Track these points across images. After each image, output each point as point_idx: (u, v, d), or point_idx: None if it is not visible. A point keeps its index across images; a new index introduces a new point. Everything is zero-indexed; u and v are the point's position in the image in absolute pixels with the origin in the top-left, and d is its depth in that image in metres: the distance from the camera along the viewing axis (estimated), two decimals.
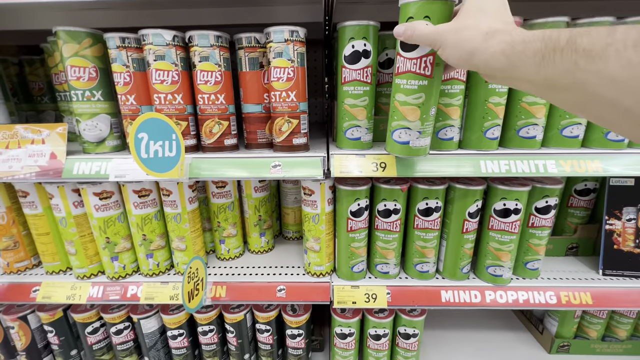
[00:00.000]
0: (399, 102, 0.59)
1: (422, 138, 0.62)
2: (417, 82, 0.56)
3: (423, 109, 0.59)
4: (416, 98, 0.58)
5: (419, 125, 0.60)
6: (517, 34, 0.39)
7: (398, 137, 0.62)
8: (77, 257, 0.89)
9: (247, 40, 0.74)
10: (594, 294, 0.85)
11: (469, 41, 0.43)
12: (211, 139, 0.78)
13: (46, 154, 0.77)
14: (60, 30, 0.72)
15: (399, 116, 0.61)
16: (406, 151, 0.63)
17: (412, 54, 0.55)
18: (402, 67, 0.57)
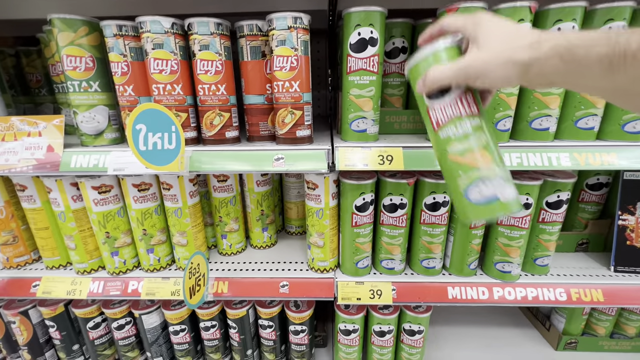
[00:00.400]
0: (459, 153, 0.46)
1: (509, 185, 0.46)
2: (468, 123, 0.45)
3: (490, 149, 0.45)
4: (476, 139, 0.45)
5: (497, 169, 0.44)
6: (574, 38, 0.35)
7: (479, 195, 0.45)
8: (77, 252, 0.88)
9: (248, 28, 0.71)
10: (606, 290, 0.83)
11: (515, 56, 0.38)
12: (212, 131, 0.76)
13: (43, 147, 0.75)
14: (55, 18, 0.69)
15: (465, 169, 0.46)
16: (500, 208, 0.45)
17: (443, 100, 0.46)
18: (443, 117, 0.47)
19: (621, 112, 0.71)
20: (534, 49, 0.37)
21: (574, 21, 0.64)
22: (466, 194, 0.46)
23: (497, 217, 0.48)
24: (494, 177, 0.44)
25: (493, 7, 0.65)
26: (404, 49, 0.83)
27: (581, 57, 0.35)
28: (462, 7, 0.64)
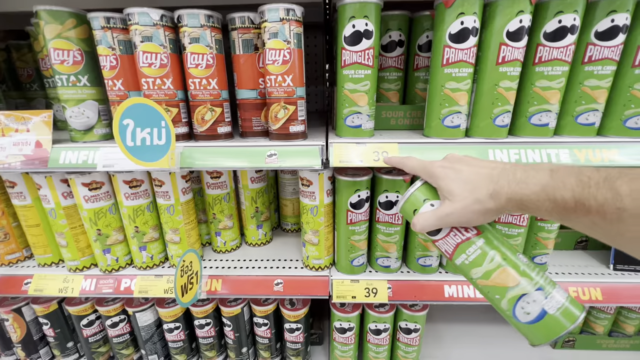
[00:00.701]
0: (484, 276, 0.46)
1: (550, 295, 0.43)
2: (474, 246, 0.47)
3: (511, 264, 0.45)
4: (491, 261, 0.45)
5: (528, 282, 0.43)
6: (526, 190, 0.41)
7: (525, 314, 0.43)
8: (69, 250, 0.86)
9: (240, 21, 0.70)
10: (605, 289, 0.82)
11: (483, 205, 0.44)
12: (203, 126, 0.74)
13: (31, 143, 0.73)
14: (42, 10, 0.67)
15: (499, 292, 0.45)
16: (555, 325, 0.42)
17: (440, 235, 0.50)
18: (448, 248, 0.50)
19: (623, 108, 0.69)
20: (494, 199, 0.43)
21: (575, 13, 0.62)
22: (515, 317, 0.44)
23: (561, 333, 0.41)
24: (530, 291, 0.42)
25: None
26: (400, 42, 0.81)
27: (533, 211, 0.41)
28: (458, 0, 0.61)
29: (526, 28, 0.63)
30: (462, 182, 0.46)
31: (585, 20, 0.65)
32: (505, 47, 0.64)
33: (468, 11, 0.62)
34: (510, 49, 0.64)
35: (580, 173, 0.37)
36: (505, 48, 0.64)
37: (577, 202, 0.36)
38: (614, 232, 0.35)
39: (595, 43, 0.65)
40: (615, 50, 0.65)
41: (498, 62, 0.65)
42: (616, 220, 0.33)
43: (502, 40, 0.64)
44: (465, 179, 0.46)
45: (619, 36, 0.64)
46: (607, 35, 0.64)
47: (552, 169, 0.40)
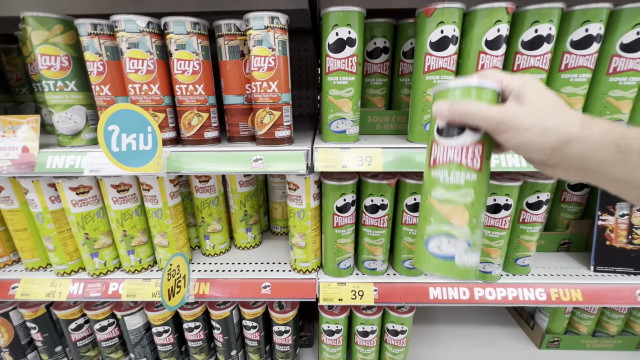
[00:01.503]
0: (439, 200, 0.44)
1: (472, 252, 0.43)
2: (463, 175, 0.42)
3: (473, 210, 0.42)
4: (463, 195, 0.43)
5: (468, 233, 0.43)
6: (628, 129, 0.34)
7: (437, 248, 0.44)
8: (56, 254, 0.86)
9: (226, 28, 0.71)
10: (585, 290, 0.84)
11: (563, 125, 0.36)
12: (190, 131, 0.75)
13: (18, 148, 0.73)
14: (29, 16, 0.68)
15: (438, 218, 0.44)
16: (450, 270, 0.44)
17: (452, 141, 0.43)
18: (442, 157, 0.43)
19: (599, 114, 0.71)
20: (585, 127, 0.35)
21: (550, 22, 0.64)
22: (427, 242, 0.45)
23: (447, 276, 0.44)
24: (461, 238, 0.43)
25: (470, 7, 0.65)
26: (385, 49, 0.82)
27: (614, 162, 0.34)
28: (439, 8, 0.63)
29: (504, 37, 0.65)
30: (551, 98, 0.38)
31: (560, 29, 0.67)
32: (484, 55, 0.66)
33: (448, 20, 0.64)
34: (489, 57, 0.66)
35: None
36: (484, 56, 0.66)
37: None
38: None
39: (571, 52, 0.68)
40: (590, 59, 0.67)
41: (477, 69, 0.67)
42: None
43: (481, 48, 0.66)
44: (556, 100, 0.38)
45: (593, 45, 0.66)
46: (582, 44, 0.66)
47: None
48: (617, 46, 0.66)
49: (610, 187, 0.38)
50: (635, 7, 0.63)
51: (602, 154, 0.34)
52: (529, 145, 0.38)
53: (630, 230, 0.86)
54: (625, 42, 0.65)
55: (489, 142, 0.42)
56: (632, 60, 0.66)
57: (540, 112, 0.37)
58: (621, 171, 0.34)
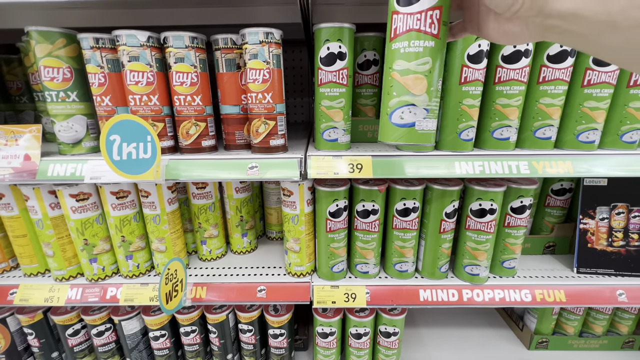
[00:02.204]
0: (399, 72, 0.46)
1: (430, 119, 0.48)
2: (422, 43, 0.44)
3: (430, 79, 0.46)
4: (422, 64, 0.45)
5: (426, 100, 0.46)
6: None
7: (399, 118, 0.47)
8: (55, 259, 0.88)
9: (223, 42, 0.74)
10: (568, 291, 0.87)
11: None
12: (188, 140, 0.78)
13: (20, 156, 0.76)
14: (33, 31, 0.71)
15: (400, 90, 0.46)
16: (411, 137, 0.48)
17: (414, 7, 0.43)
18: (402, 26, 0.44)
19: (575, 123, 0.75)
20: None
21: None
22: (390, 115, 0.48)
23: (409, 143, 0.48)
24: (420, 106, 0.46)
25: None
26: (375, 61, 0.86)
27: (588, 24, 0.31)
28: None
29: (485, 51, 0.69)
30: None
31: (537, 44, 0.71)
32: (466, 68, 0.70)
33: None
34: (471, 70, 0.70)
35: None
36: (466, 69, 0.70)
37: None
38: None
39: (548, 65, 0.72)
40: (565, 72, 0.72)
41: (461, 81, 0.71)
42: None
43: (464, 62, 0.70)
44: None
45: (567, 59, 0.70)
46: (558, 58, 0.71)
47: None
48: (590, 60, 0.71)
49: (569, 39, 0.35)
50: None
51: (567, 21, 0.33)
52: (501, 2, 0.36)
53: (610, 233, 0.90)
54: None
55: (446, 5, 0.43)
56: (604, 74, 0.71)
57: None
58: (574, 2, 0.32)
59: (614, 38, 0.31)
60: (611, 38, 0.32)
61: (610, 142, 0.77)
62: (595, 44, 0.33)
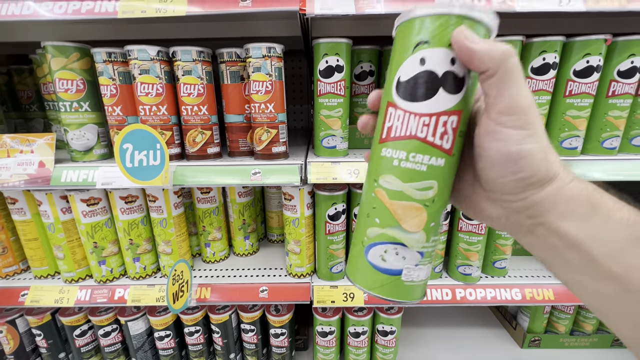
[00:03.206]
0: (388, 193, 0.32)
1: (423, 266, 0.34)
2: (427, 159, 0.31)
3: (432, 210, 0.32)
4: (423, 189, 0.31)
5: (423, 240, 0.32)
6: (596, 187, 0.29)
7: (380, 259, 0.33)
8: (65, 262, 0.92)
9: (228, 55, 0.79)
10: (556, 290, 0.91)
11: (554, 158, 0.29)
12: (195, 147, 0.82)
13: (35, 163, 0.80)
14: (49, 45, 0.76)
15: (385, 219, 0.32)
16: (393, 290, 0.33)
17: (423, 106, 0.30)
18: (401, 129, 0.31)
19: (558, 131, 0.80)
20: (566, 172, 0.29)
21: (555, 52, 0.74)
22: (367, 249, 0.33)
23: (387, 297, 0.33)
24: (413, 248, 0.32)
25: None
26: (371, 72, 0.91)
27: (607, 209, 0.28)
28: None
29: None
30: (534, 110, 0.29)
31: (522, 58, 0.76)
32: None
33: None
34: None
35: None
36: None
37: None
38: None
39: (532, 77, 0.77)
40: (548, 83, 0.77)
41: None
42: None
43: None
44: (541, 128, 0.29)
45: (550, 71, 0.76)
46: (541, 71, 0.76)
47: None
48: (571, 72, 0.76)
49: (551, 252, 0.31)
50: (585, 39, 0.73)
51: (571, 205, 0.28)
52: (530, 163, 0.28)
53: None
54: (577, 69, 0.75)
55: (466, 112, 0.31)
56: (584, 85, 0.76)
57: (543, 132, 0.29)
58: (582, 228, 0.28)
59: (611, 290, 0.27)
60: (608, 288, 0.27)
61: (592, 149, 0.82)
62: (580, 276, 0.29)
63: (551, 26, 0.85)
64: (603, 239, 0.27)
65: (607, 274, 0.27)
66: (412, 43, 0.30)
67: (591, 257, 0.28)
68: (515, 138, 0.28)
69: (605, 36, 0.72)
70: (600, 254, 0.27)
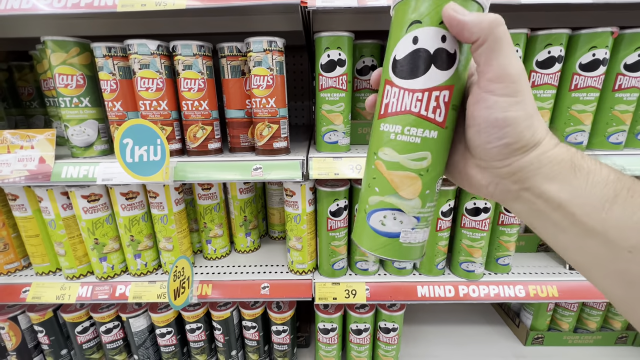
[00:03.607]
0: (385, 164, 0.35)
1: (420, 229, 0.36)
2: (421, 132, 0.33)
3: (427, 179, 0.34)
4: (418, 159, 0.33)
5: (418, 206, 0.35)
6: (579, 151, 0.31)
7: (380, 223, 0.36)
8: (66, 258, 0.92)
9: (228, 50, 0.78)
10: (560, 287, 0.91)
11: (539, 123, 0.30)
12: (195, 143, 0.81)
13: (35, 159, 0.79)
14: (49, 40, 0.75)
15: (384, 188, 0.35)
16: (392, 250, 0.36)
17: (416, 82, 0.32)
18: (397, 104, 0.33)
19: (564, 125, 0.79)
20: (550, 137, 0.30)
21: (517, 46, 0.72)
22: (369, 215, 0.36)
23: (388, 257, 0.36)
24: (410, 213, 0.35)
25: None
26: (373, 67, 0.90)
27: (589, 168, 0.29)
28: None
29: None
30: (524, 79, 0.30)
31: (527, 51, 0.75)
32: None
33: None
34: None
35: None
36: None
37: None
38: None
39: (537, 70, 0.76)
40: (553, 77, 0.76)
41: None
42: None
43: None
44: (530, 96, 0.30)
45: (555, 65, 0.74)
46: (546, 64, 0.75)
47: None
48: (577, 66, 0.75)
49: (538, 216, 0.32)
50: (591, 32, 0.72)
51: (554, 168, 0.30)
52: (515, 130, 0.29)
53: None
54: (583, 62, 0.74)
55: (459, 87, 0.32)
56: (590, 78, 0.75)
57: (531, 99, 0.30)
58: (565, 190, 0.29)
59: (594, 247, 0.29)
60: (591, 245, 0.29)
61: (598, 143, 0.81)
62: (566, 237, 0.31)
63: (557, 19, 0.84)
64: (583, 198, 0.28)
65: (589, 232, 0.28)
66: (406, 22, 0.32)
67: (574, 217, 0.29)
68: (502, 105, 0.29)
69: (612, 29, 0.71)
70: (582, 213, 0.29)
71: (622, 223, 0.27)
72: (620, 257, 0.27)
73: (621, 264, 0.27)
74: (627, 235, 0.27)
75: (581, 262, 0.31)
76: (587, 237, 0.29)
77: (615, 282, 0.29)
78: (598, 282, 0.31)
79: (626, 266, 0.27)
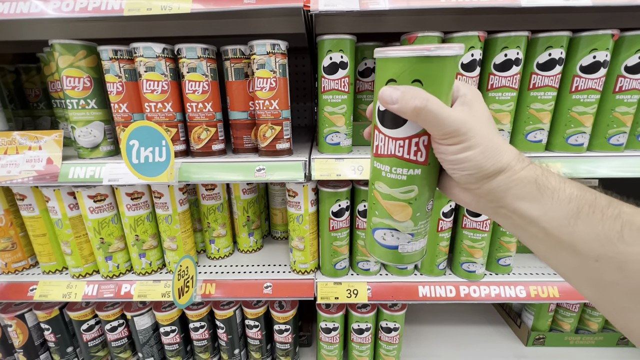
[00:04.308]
0: (381, 195, 0.41)
1: (415, 242, 0.43)
2: (405, 171, 0.38)
3: (416, 206, 0.40)
4: (406, 192, 0.39)
5: (411, 226, 0.41)
6: (548, 169, 0.35)
7: (382, 238, 0.43)
8: (73, 257, 0.93)
9: (232, 52, 0.79)
10: (561, 287, 0.91)
11: (503, 153, 0.34)
12: (199, 144, 0.83)
13: (43, 160, 0.81)
14: (56, 43, 0.77)
15: (381, 213, 0.42)
16: (394, 258, 0.44)
17: (397, 132, 0.37)
18: (384, 148, 0.38)
19: (564, 127, 0.80)
20: (517, 158, 0.34)
21: (518, 48, 0.73)
22: (373, 231, 0.44)
23: (392, 263, 0.45)
24: (404, 232, 0.41)
25: (447, 36, 0.74)
26: (375, 68, 0.91)
27: (553, 189, 0.32)
28: (420, 36, 0.72)
29: (478, 60, 0.74)
30: (491, 121, 0.36)
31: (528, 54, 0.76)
32: (460, 76, 0.75)
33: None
34: (464, 79, 0.75)
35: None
36: (460, 77, 0.75)
37: (611, 204, 0.31)
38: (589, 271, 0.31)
39: (537, 72, 0.77)
40: (554, 79, 0.76)
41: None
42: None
43: (458, 70, 0.75)
44: (493, 125, 0.36)
45: (556, 67, 0.75)
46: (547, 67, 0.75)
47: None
48: (578, 68, 0.75)
49: (518, 229, 0.36)
50: (591, 34, 0.73)
51: (522, 189, 0.33)
52: (469, 162, 0.34)
53: None
54: (584, 64, 0.74)
55: None
56: (591, 80, 0.75)
57: (490, 132, 0.34)
58: (534, 207, 0.33)
59: (566, 256, 0.33)
60: (564, 255, 0.33)
61: (599, 145, 0.81)
62: (544, 246, 0.35)
63: (557, 21, 0.84)
64: (551, 214, 0.32)
65: (561, 244, 0.32)
66: (384, 78, 0.36)
67: (546, 231, 0.33)
68: (452, 150, 0.34)
69: (613, 31, 0.71)
70: (552, 227, 0.32)
71: (586, 236, 0.30)
72: (589, 266, 0.31)
73: (590, 272, 0.31)
74: (592, 247, 0.30)
75: (560, 269, 0.35)
76: (560, 248, 0.33)
77: (588, 287, 0.33)
78: (576, 286, 0.35)
79: (594, 274, 0.31)
